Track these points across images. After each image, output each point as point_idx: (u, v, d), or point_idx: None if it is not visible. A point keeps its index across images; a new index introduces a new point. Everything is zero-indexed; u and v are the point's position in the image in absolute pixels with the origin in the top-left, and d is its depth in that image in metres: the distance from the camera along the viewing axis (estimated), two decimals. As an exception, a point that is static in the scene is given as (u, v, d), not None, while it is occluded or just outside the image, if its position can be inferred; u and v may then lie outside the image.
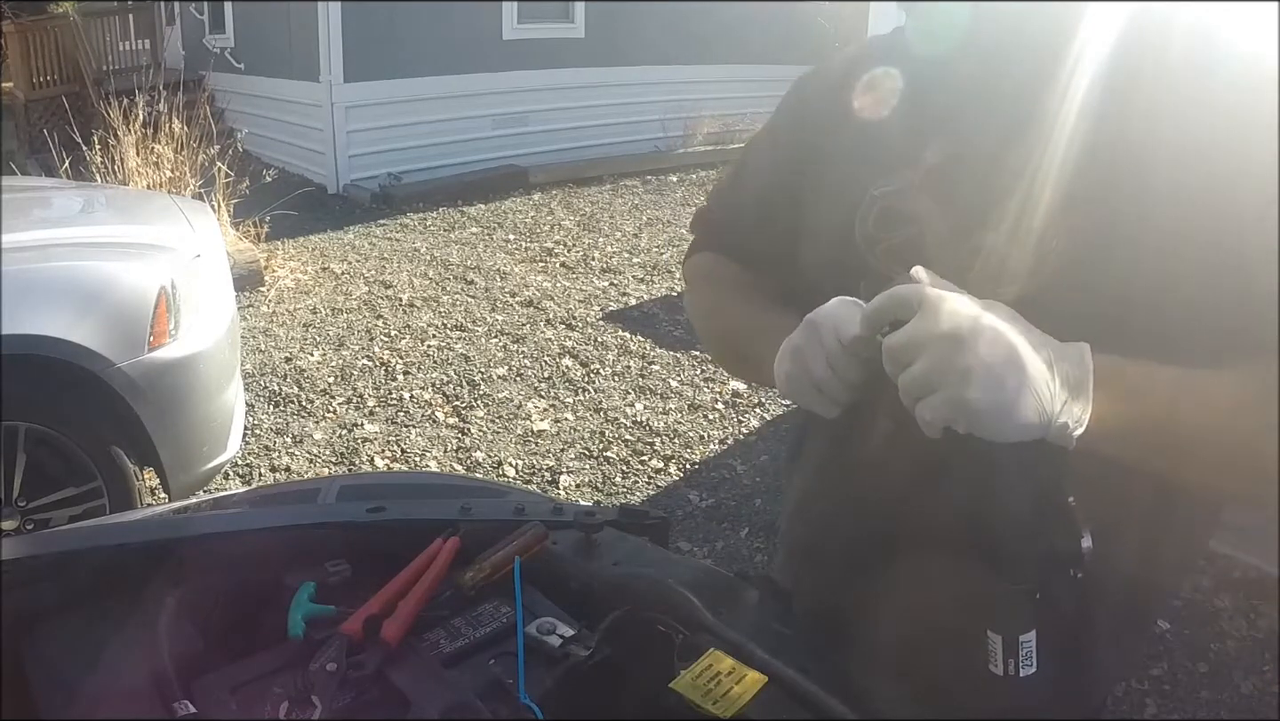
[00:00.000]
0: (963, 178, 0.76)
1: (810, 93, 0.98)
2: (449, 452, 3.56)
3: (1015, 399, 0.61)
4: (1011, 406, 0.61)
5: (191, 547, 0.88)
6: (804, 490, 1.04)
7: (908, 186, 0.79)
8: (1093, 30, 0.73)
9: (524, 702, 0.69)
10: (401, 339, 4.65)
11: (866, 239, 0.80)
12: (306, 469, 3.44)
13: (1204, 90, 0.69)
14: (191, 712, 0.66)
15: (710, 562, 2.77)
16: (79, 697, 0.69)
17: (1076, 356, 0.64)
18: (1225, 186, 0.66)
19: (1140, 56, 0.71)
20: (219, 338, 2.73)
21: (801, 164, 0.93)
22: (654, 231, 6.69)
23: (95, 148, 5.69)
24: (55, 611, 0.79)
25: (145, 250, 2.71)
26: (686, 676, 0.70)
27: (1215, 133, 0.67)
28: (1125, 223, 0.69)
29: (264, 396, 3.98)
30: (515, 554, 0.84)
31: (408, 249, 6.28)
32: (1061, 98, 0.71)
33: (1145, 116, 0.70)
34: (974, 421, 0.62)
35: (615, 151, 8.91)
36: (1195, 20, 0.72)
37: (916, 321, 0.64)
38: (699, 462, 3.50)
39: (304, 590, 0.79)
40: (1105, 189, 0.70)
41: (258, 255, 5.54)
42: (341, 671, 0.70)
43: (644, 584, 0.83)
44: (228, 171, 5.80)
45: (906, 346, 0.64)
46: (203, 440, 2.65)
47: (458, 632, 0.78)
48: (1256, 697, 2.29)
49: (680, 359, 4.38)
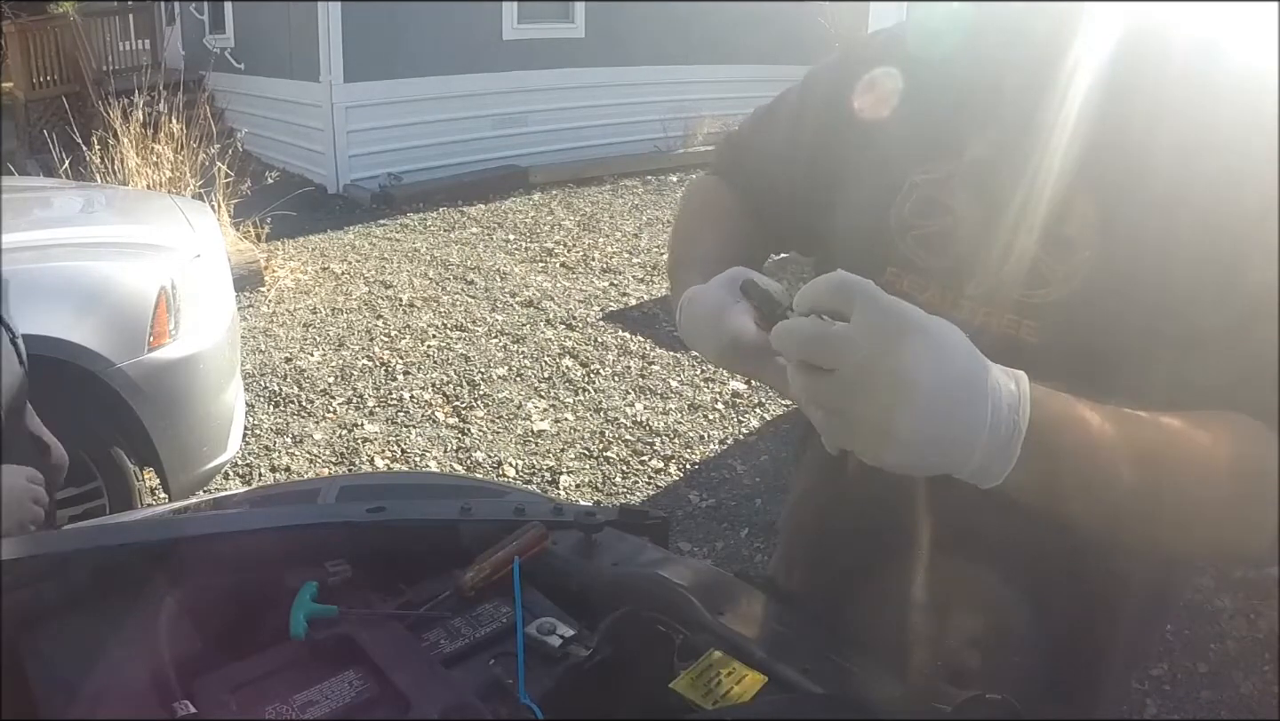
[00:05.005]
0: (1003, 175, 0.74)
1: (856, 63, 0.91)
2: (449, 452, 3.56)
3: (931, 449, 0.56)
4: (922, 455, 0.56)
5: (191, 547, 0.88)
6: (804, 489, 1.04)
7: (948, 177, 0.78)
8: (1141, 38, 0.72)
9: (524, 702, 0.69)
10: (401, 339, 4.65)
11: (901, 224, 0.80)
12: (306, 469, 3.44)
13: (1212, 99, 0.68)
14: (191, 712, 0.66)
15: (710, 562, 2.77)
16: (79, 697, 0.69)
17: (1014, 402, 0.57)
18: (1227, 194, 0.66)
19: (1160, 64, 0.71)
20: (219, 338, 2.73)
21: (836, 130, 0.89)
22: (654, 231, 6.68)
23: (95, 148, 5.69)
24: (55, 611, 0.79)
25: (145, 250, 2.71)
26: (686, 676, 0.70)
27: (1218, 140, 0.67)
28: (1152, 237, 0.68)
29: (264, 396, 3.98)
30: (515, 554, 0.84)
31: (408, 249, 6.28)
32: (1107, 103, 0.70)
33: (1175, 134, 0.68)
34: (874, 457, 0.57)
35: (615, 151, 8.91)
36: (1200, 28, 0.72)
37: (850, 328, 0.56)
38: (699, 462, 3.50)
39: (306, 590, 0.79)
40: (1140, 206, 0.69)
41: (258, 255, 5.54)
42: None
43: (644, 584, 0.83)
44: (228, 171, 5.80)
45: (829, 352, 0.56)
46: (203, 440, 2.65)
47: (458, 632, 0.78)
48: (1256, 697, 2.29)
49: (680, 359, 4.37)
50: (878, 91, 0.85)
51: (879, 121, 0.85)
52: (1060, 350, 0.70)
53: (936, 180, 0.79)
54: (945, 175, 0.78)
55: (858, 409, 0.56)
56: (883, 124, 0.85)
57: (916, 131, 0.82)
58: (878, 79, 0.86)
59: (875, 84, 0.86)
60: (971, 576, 0.78)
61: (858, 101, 0.87)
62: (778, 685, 0.71)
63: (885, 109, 0.84)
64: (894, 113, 0.84)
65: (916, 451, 0.56)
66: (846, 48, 0.99)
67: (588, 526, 0.92)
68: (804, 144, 0.93)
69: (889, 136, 0.84)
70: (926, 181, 0.79)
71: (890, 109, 0.84)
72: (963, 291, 0.77)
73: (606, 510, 1.00)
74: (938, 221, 0.78)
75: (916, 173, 0.80)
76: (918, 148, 0.81)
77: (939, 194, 0.78)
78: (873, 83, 0.86)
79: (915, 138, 0.82)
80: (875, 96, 0.85)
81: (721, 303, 0.72)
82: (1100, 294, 0.70)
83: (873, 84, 0.86)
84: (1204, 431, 0.62)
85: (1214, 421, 0.63)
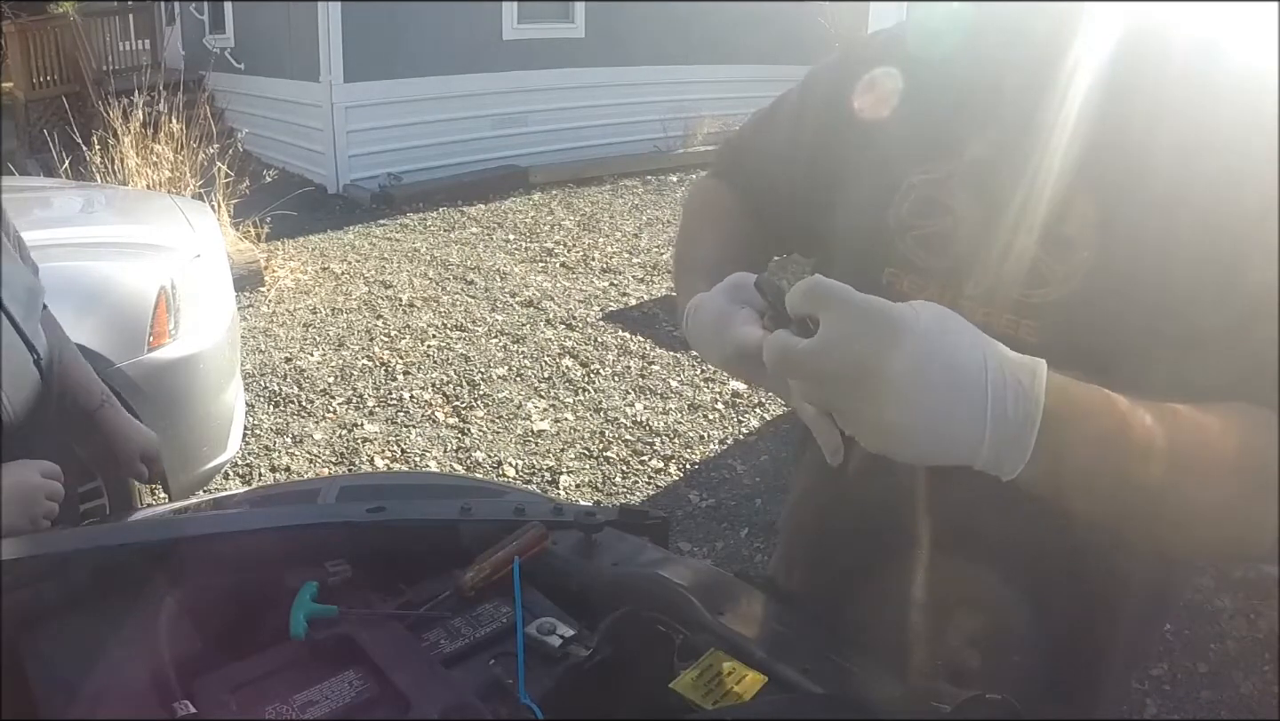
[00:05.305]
0: (1003, 175, 0.74)
1: (856, 63, 0.92)
2: (449, 452, 3.56)
3: (928, 437, 0.56)
4: (920, 448, 0.56)
5: (191, 547, 0.88)
6: (803, 489, 1.04)
7: (947, 177, 0.78)
8: (1141, 38, 0.71)
9: (524, 702, 0.69)
10: (401, 339, 4.65)
11: (900, 224, 0.80)
12: (306, 469, 3.44)
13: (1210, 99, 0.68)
14: (191, 712, 0.66)
15: (710, 562, 2.77)
16: (79, 697, 0.69)
17: (1024, 391, 0.56)
18: (1227, 194, 0.66)
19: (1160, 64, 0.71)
20: (219, 338, 2.73)
21: (836, 130, 0.89)
22: (654, 231, 6.68)
23: (95, 148, 5.69)
24: (55, 611, 0.79)
25: (145, 250, 2.71)
26: (686, 676, 0.70)
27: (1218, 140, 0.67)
28: (1152, 237, 0.68)
29: (264, 396, 3.98)
30: (515, 554, 0.84)
31: (408, 249, 6.28)
32: (1107, 103, 0.70)
33: (1175, 134, 0.68)
34: (878, 450, 0.58)
35: (615, 151, 8.91)
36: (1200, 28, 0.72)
37: (819, 337, 0.56)
38: (699, 462, 3.50)
39: (306, 590, 0.79)
40: (1140, 205, 0.68)
41: (258, 255, 5.54)
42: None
43: (644, 584, 0.83)
44: (228, 171, 5.80)
45: (799, 368, 0.57)
46: (203, 440, 2.65)
47: (458, 632, 0.78)
48: (1256, 697, 2.29)
49: (680, 359, 4.37)
50: (878, 91, 0.85)
51: (879, 121, 0.85)
52: (1060, 350, 0.69)
53: (935, 180, 0.79)
54: (944, 175, 0.78)
55: (847, 409, 0.57)
56: (882, 124, 0.85)
57: (916, 131, 0.82)
58: (878, 79, 0.85)
59: (875, 84, 0.86)
60: (971, 576, 0.78)
61: (858, 101, 0.87)
62: (778, 685, 0.71)
63: (885, 109, 0.84)
64: (894, 113, 0.84)
65: (912, 444, 0.56)
66: (846, 48, 0.99)
67: (588, 526, 0.92)
68: (804, 144, 0.93)
69: (889, 136, 0.84)
70: (925, 181, 0.79)
71: (890, 109, 0.84)
72: (962, 291, 0.77)
73: (606, 510, 1.00)
74: (937, 221, 0.78)
75: (916, 173, 0.80)
76: (917, 148, 0.81)
77: (938, 194, 0.78)
78: (873, 83, 0.86)
79: (915, 138, 0.82)
80: (875, 96, 0.85)
81: (724, 312, 0.72)
82: (1100, 294, 0.69)
83: (873, 84, 0.86)
84: (1215, 423, 0.62)
85: (1223, 413, 0.62)
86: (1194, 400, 0.63)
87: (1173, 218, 0.67)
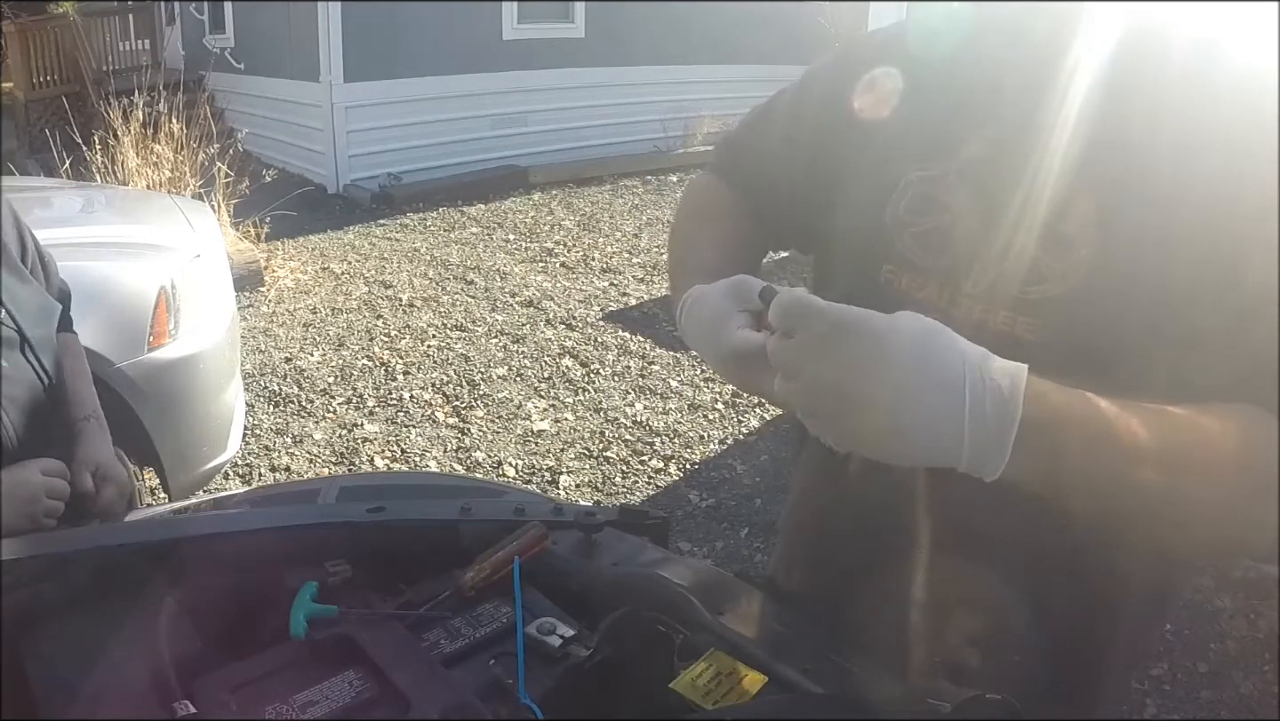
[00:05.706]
0: (1002, 172, 0.74)
1: (855, 62, 0.92)
2: (449, 452, 3.56)
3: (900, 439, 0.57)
4: (898, 450, 0.58)
5: (191, 547, 0.88)
6: (803, 489, 1.04)
7: (945, 175, 0.78)
8: (1141, 38, 0.71)
9: (524, 702, 0.69)
10: (401, 339, 4.65)
11: (897, 221, 0.80)
12: (306, 469, 3.44)
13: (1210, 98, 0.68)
14: (191, 712, 0.66)
15: (710, 562, 2.77)
16: (79, 697, 0.69)
17: (1002, 394, 0.57)
18: (1226, 193, 0.66)
19: (1160, 64, 0.71)
20: (219, 338, 2.73)
21: (835, 130, 0.89)
22: (654, 231, 6.68)
23: (95, 148, 5.69)
24: (55, 611, 0.79)
25: (145, 250, 2.71)
26: (686, 676, 0.70)
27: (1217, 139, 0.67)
28: (1151, 236, 0.68)
29: (264, 396, 3.98)
30: (515, 554, 0.84)
31: (408, 249, 6.28)
32: (1107, 103, 0.70)
33: (1175, 133, 0.68)
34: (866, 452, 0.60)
35: (615, 151, 8.91)
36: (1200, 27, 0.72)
37: (795, 344, 0.59)
38: (699, 462, 3.50)
39: (306, 590, 0.79)
40: (1141, 204, 0.68)
41: (258, 255, 5.54)
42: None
43: (644, 584, 0.83)
44: (228, 171, 5.80)
45: (784, 367, 0.60)
46: (203, 440, 2.65)
47: (458, 632, 0.78)
48: (1256, 697, 2.29)
49: (680, 359, 4.37)
50: (877, 91, 0.85)
51: (878, 121, 0.85)
52: (1058, 348, 0.69)
53: (933, 177, 0.79)
54: (942, 172, 0.78)
55: (829, 413, 0.59)
56: (882, 123, 0.85)
57: (915, 131, 0.82)
58: (877, 78, 0.85)
59: (874, 83, 0.86)
60: (971, 576, 0.78)
61: (857, 101, 0.87)
62: (778, 685, 0.71)
63: (884, 108, 0.84)
64: (893, 112, 0.84)
65: (889, 447, 0.58)
66: (844, 47, 0.99)
67: (588, 526, 0.92)
68: (802, 143, 0.93)
69: (888, 136, 0.84)
70: (923, 178, 0.79)
71: (889, 108, 0.84)
72: (960, 289, 0.77)
73: (606, 510, 1.00)
74: (935, 219, 0.78)
75: (912, 171, 0.80)
76: (917, 147, 0.81)
77: (936, 191, 0.78)
78: (872, 82, 0.86)
79: (914, 137, 0.82)
80: (874, 96, 0.85)
81: (723, 312, 0.72)
82: (1099, 292, 0.70)
83: (872, 83, 0.86)
84: (1214, 423, 0.62)
85: (1223, 413, 0.63)
86: (1194, 399, 0.63)
87: (1172, 217, 0.67)
